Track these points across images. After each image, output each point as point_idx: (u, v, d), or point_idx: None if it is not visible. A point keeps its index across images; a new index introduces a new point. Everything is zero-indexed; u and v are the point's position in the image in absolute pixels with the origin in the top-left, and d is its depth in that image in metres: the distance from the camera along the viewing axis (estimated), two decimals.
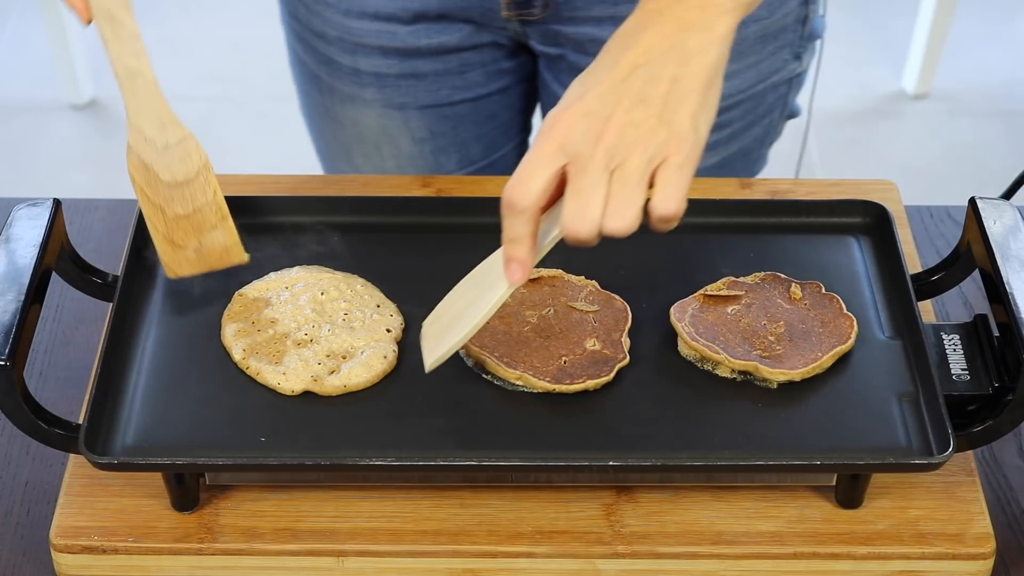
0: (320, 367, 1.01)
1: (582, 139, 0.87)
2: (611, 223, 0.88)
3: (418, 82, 1.35)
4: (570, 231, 0.88)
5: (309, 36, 1.36)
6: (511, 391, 1.02)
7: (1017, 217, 1.06)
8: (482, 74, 1.35)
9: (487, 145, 1.42)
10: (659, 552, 0.98)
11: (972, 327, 1.05)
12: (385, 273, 1.10)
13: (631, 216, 0.88)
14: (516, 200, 0.89)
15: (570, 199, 0.88)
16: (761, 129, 1.39)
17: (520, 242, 0.90)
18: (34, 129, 2.90)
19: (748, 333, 1.04)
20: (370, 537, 0.98)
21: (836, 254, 1.13)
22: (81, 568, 0.98)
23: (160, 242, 1.06)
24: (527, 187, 0.88)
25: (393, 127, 1.38)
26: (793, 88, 1.39)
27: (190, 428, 0.98)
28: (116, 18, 1.04)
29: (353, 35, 1.32)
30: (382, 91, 1.35)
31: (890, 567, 0.98)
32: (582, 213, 0.88)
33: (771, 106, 1.38)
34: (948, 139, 2.91)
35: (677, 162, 0.88)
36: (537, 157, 0.89)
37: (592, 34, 1.27)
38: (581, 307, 1.06)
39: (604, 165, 0.87)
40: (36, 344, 1.15)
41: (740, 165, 1.41)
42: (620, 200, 0.87)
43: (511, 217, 0.90)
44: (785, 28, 1.31)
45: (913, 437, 0.98)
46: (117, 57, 1.04)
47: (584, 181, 0.87)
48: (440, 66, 1.33)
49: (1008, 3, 3.25)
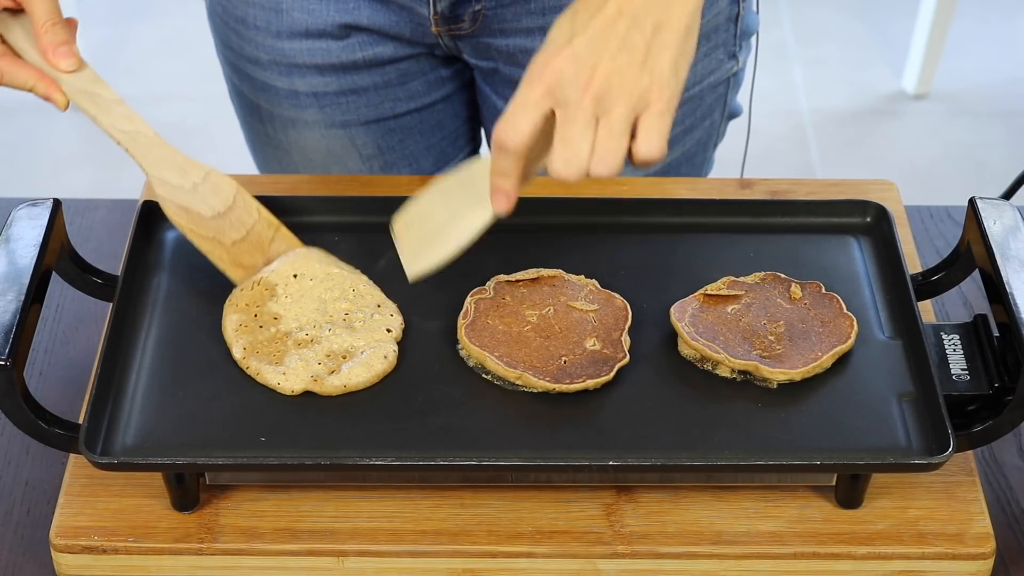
0: (320, 367, 1.01)
1: (571, 85, 0.92)
2: (597, 168, 0.93)
3: (359, 97, 1.33)
4: (559, 175, 0.93)
5: (243, 64, 1.34)
6: (511, 391, 1.02)
7: (1017, 217, 1.06)
8: (422, 83, 1.34)
9: (437, 156, 1.41)
10: (659, 552, 0.98)
11: (972, 327, 1.05)
12: (385, 273, 1.10)
13: (616, 162, 0.93)
14: (506, 141, 0.93)
15: (559, 145, 0.93)
16: (703, 131, 1.39)
17: (508, 176, 0.96)
18: (34, 129, 2.90)
19: (748, 333, 1.04)
20: (370, 537, 0.98)
21: (836, 254, 1.13)
22: (81, 568, 0.98)
23: (229, 269, 1.07)
24: (517, 128, 0.93)
25: (339, 147, 1.36)
26: (732, 87, 1.38)
27: (190, 428, 0.98)
28: (93, 93, 1.07)
29: (287, 56, 1.30)
30: (323, 111, 1.34)
31: (890, 567, 0.98)
32: (572, 159, 0.92)
33: (710, 107, 1.37)
34: (948, 139, 2.91)
35: (659, 109, 0.92)
36: (527, 99, 0.93)
37: (522, 45, 1.27)
38: (581, 306, 1.06)
39: (592, 112, 0.92)
40: (36, 344, 1.15)
41: (685, 169, 1.40)
42: (606, 147, 0.92)
43: (501, 153, 0.95)
44: (717, 28, 1.31)
45: (913, 437, 0.98)
46: (111, 126, 1.07)
47: (573, 128, 0.92)
48: (379, 79, 1.32)
49: (1008, 3, 3.25)
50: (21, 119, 2.92)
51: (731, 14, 1.31)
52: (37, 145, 2.87)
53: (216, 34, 1.36)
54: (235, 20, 1.31)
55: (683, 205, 1.17)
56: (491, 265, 1.10)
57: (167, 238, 1.13)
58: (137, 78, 3.00)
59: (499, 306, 1.06)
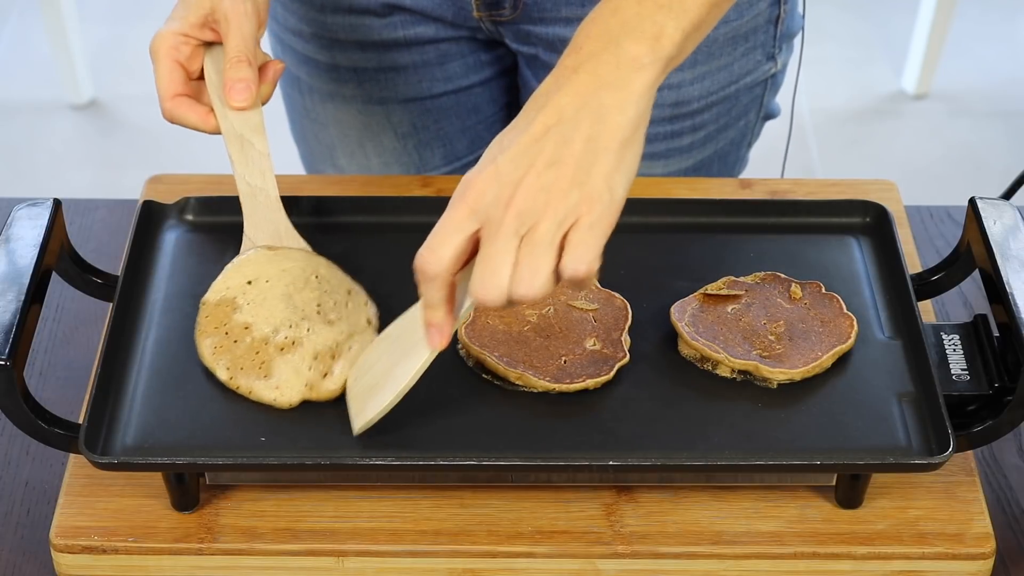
0: (312, 372, 1.00)
1: (492, 204, 0.86)
2: (519, 288, 0.86)
3: (398, 75, 1.34)
4: (478, 297, 0.87)
5: (287, 36, 1.36)
6: (511, 391, 1.02)
7: (1017, 217, 1.06)
8: (461, 65, 1.35)
9: (472, 140, 1.42)
10: (659, 552, 0.98)
11: (972, 327, 1.05)
12: (385, 273, 1.10)
13: (539, 282, 0.86)
14: (426, 267, 0.88)
15: (479, 265, 0.87)
16: (737, 131, 1.39)
17: (437, 307, 0.90)
18: (34, 129, 2.90)
19: (748, 332, 1.04)
20: (370, 537, 0.98)
21: (836, 254, 1.13)
22: (81, 568, 0.98)
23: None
24: (437, 254, 0.88)
25: (375, 123, 1.38)
26: (769, 89, 1.38)
27: (190, 428, 0.98)
28: (246, 140, 1.07)
29: (329, 30, 1.32)
30: (362, 86, 1.35)
31: (890, 567, 0.98)
32: (490, 280, 0.86)
33: (746, 108, 1.37)
34: (948, 139, 2.91)
35: (588, 222, 0.86)
36: (449, 222, 0.88)
37: (561, 34, 1.27)
38: (581, 305, 1.06)
39: (514, 230, 0.86)
40: (36, 344, 1.15)
41: (717, 168, 1.41)
42: (528, 266, 0.86)
43: (424, 283, 0.89)
44: (756, 29, 1.31)
45: (913, 437, 0.98)
46: (241, 176, 1.07)
47: (493, 247, 0.86)
48: (419, 58, 1.33)
49: (1008, 3, 3.25)
50: (21, 119, 2.92)
51: (771, 16, 1.31)
52: (37, 145, 2.87)
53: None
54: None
55: (683, 205, 1.17)
56: None
57: (167, 238, 1.13)
58: (137, 78, 3.00)
59: None
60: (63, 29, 2.84)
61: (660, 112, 1.31)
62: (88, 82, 2.94)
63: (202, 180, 1.25)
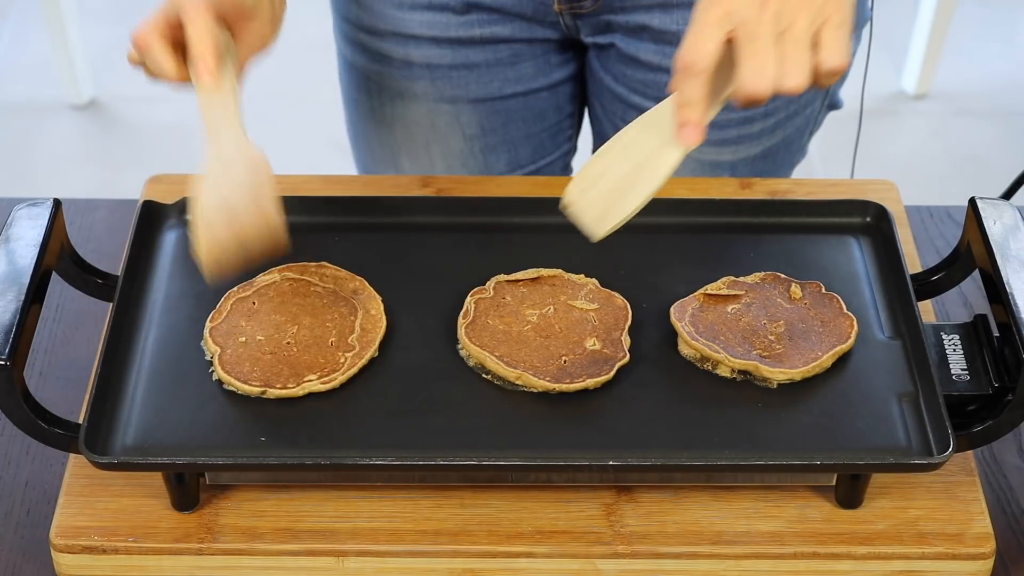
0: None
1: (746, 6, 0.92)
2: (787, 81, 0.92)
3: (470, 73, 1.36)
4: (749, 90, 0.93)
5: (361, 35, 1.37)
6: (511, 391, 1.02)
7: (1017, 217, 1.06)
8: (533, 66, 1.37)
9: (536, 147, 1.43)
10: (659, 552, 0.98)
11: (972, 327, 1.05)
12: (385, 273, 1.10)
13: (804, 74, 0.93)
14: (694, 61, 0.93)
15: (746, 60, 0.92)
16: (803, 119, 1.40)
17: (696, 104, 0.95)
18: (34, 129, 2.90)
19: (748, 332, 1.04)
20: (370, 537, 0.98)
21: (836, 254, 1.13)
22: (81, 568, 0.98)
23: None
24: (703, 48, 0.93)
25: (443, 124, 1.39)
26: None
27: (190, 428, 0.98)
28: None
29: (405, 27, 1.33)
30: (434, 83, 1.36)
31: (890, 567, 0.98)
32: (761, 72, 0.92)
33: (812, 96, 1.39)
34: (948, 139, 2.91)
35: (836, 22, 0.93)
36: (704, 24, 0.93)
37: (642, 21, 1.29)
38: (581, 305, 1.06)
39: (773, 29, 0.92)
40: (36, 344, 1.15)
41: (783, 156, 1.42)
42: (793, 60, 0.92)
43: (688, 80, 0.94)
44: None
45: (913, 437, 0.98)
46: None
47: (757, 44, 0.92)
48: (492, 56, 1.35)
49: (1008, 3, 3.25)
50: (21, 119, 2.92)
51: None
52: (37, 145, 2.87)
53: (335, 8, 1.39)
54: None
55: (683, 205, 1.17)
56: (491, 265, 1.10)
57: (167, 238, 1.13)
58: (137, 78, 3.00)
59: (499, 306, 1.06)
60: (63, 29, 2.84)
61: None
62: (88, 82, 2.94)
63: None
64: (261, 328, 1.04)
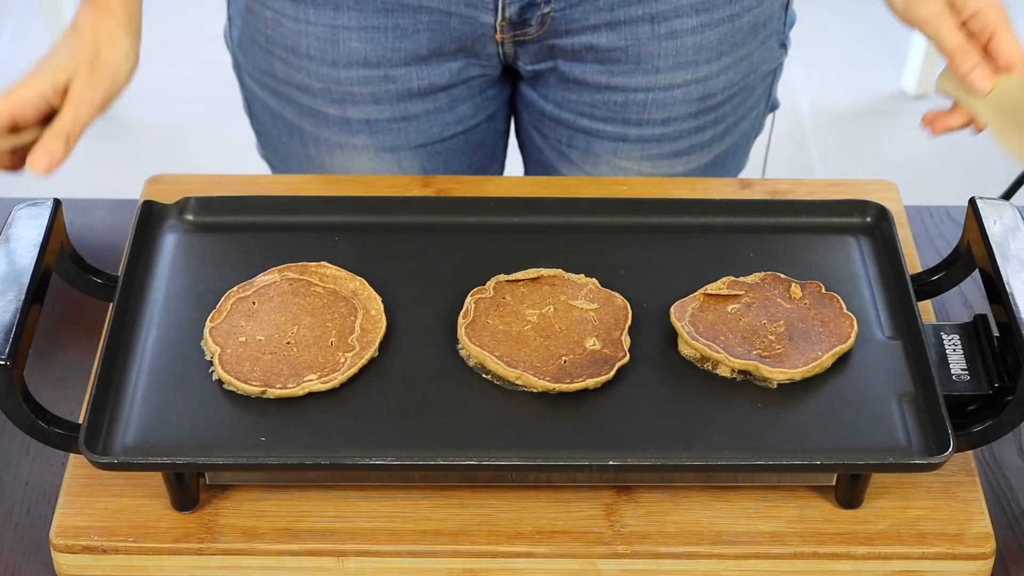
0: None
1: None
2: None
3: (409, 124, 1.33)
4: None
5: (289, 90, 1.33)
6: (511, 391, 1.01)
7: (1017, 217, 1.06)
8: (470, 106, 1.35)
9: (475, 172, 1.42)
10: (659, 552, 0.98)
11: (972, 327, 1.05)
12: (385, 273, 1.10)
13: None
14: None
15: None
16: (749, 123, 1.39)
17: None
18: None
19: (748, 332, 1.04)
20: (370, 537, 0.98)
21: (836, 254, 1.13)
22: (81, 568, 0.98)
23: None
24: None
25: (385, 169, 1.37)
26: (776, 78, 1.39)
27: (190, 428, 0.98)
28: None
29: (342, 85, 1.30)
30: (373, 136, 1.34)
31: (890, 567, 0.98)
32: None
33: (758, 98, 1.38)
34: (948, 139, 2.90)
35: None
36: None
37: (588, 41, 1.26)
38: (581, 305, 1.06)
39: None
40: (36, 344, 1.15)
41: (731, 162, 1.41)
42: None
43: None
44: (772, 16, 1.31)
45: (913, 437, 0.98)
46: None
47: None
48: (431, 105, 1.32)
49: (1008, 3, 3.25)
50: None
51: (783, 2, 1.32)
52: None
53: (250, 61, 1.35)
54: (284, 49, 1.29)
55: (683, 205, 1.17)
56: (491, 265, 1.10)
57: (167, 238, 1.13)
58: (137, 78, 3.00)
59: (499, 305, 1.06)
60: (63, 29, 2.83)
61: (687, 108, 1.31)
62: None
63: (202, 180, 1.25)
64: (261, 328, 1.04)
